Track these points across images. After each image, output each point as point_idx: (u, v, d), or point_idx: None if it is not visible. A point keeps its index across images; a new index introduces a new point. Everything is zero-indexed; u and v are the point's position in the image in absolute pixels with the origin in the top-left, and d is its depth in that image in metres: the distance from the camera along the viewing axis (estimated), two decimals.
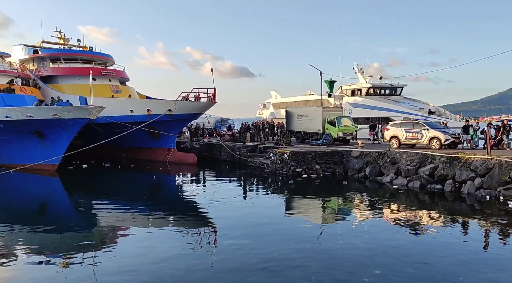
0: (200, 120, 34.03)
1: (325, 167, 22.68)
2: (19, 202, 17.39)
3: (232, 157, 28.55)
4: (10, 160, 25.31)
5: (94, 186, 21.84)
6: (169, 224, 13.31)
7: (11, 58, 34.35)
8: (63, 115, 23.78)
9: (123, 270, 9.15)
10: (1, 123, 24.26)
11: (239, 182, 22.33)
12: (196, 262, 9.69)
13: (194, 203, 17.55)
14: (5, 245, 11.15)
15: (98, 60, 36.02)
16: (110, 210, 15.75)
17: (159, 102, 30.01)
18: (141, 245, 11.01)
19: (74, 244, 11.29)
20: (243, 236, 11.70)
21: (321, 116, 28.09)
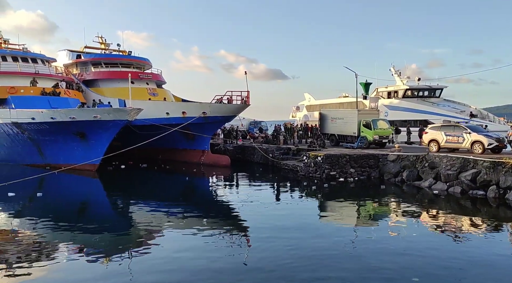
0: (233, 122, 34.29)
1: (360, 171, 22.22)
2: (62, 201, 18.18)
3: (265, 159, 28.57)
4: (54, 159, 26.56)
5: (132, 187, 22.49)
6: (203, 225, 13.46)
7: (56, 62, 36.17)
8: (104, 116, 24.68)
9: (159, 270, 9.34)
10: (47, 124, 25.50)
11: (272, 185, 22.29)
12: (230, 263, 9.74)
13: (228, 205, 17.68)
14: (49, 242, 11.67)
15: (136, 64, 37.17)
16: (146, 210, 16.15)
17: (194, 104, 30.52)
18: (175, 246, 11.21)
19: (112, 243, 11.66)
20: (276, 239, 11.64)
21: (356, 119, 27.56)
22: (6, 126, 27.15)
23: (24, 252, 10.58)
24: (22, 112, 26.18)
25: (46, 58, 34.05)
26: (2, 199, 16.54)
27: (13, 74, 30.48)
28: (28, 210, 16.16)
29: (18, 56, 32.12)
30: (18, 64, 31.27)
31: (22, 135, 27.04)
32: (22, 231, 12.76)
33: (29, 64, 31.80)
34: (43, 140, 26.79)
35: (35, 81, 30.26)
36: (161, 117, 28.72)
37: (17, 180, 16.12)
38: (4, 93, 28.81)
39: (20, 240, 11.76)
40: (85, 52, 38.33)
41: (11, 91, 28.80)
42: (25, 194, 17.84)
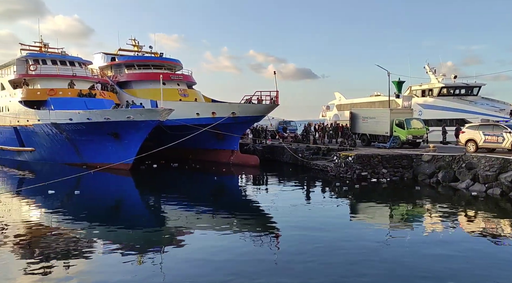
0: (262, 122, 34.31)
1: (393, 171, 21.69)
2: (98, 199, 18.80)
3: (294, 159, 28.41)
4: (90, 159, 27.50)
5: (163, 186, 22.95)
6: (232, 224, 13.54)
7: (92, 65, 37.43)
8: (136, 117, 25.31)
9: (188, 268, 9.47)
10: (83, 124, 26.44)
11: (302, 185, 22.13)
12: (259, 263, 9.74)
13: (257, 204, 17.70)
14: (85, 237, 12.08)
15: (167, 65, 37.89)
16: (177, 208, 16.43)
17: (223, 105, 30.77)
18: (205, 244, 11.32)
19: (144, 240, 11.94)
20: (306, 240, 11.54)
21: (388, 118, 26.93)
22: (46, 126, 28.35)
23: (62, 246, 11.01)
24: (60, 113, 27.26)
25: (82, 61, 35.32)
26: (43, 196, 17.28)
27: (52, 77, 31.80)
28: (66, 207, 16.81)
29: (57, 59, 33.48)
30: (57, 67, 32.59)
31: (61, 135, 28.14)
32: (61, 226, 13.27)
33: (67, 67, 33.09)
34: (80, 140, 27.76)
35: (72, 83, 31.44)
36: (192, 117, 29.13)
37: (56, 179, 16.84)
38: (44, 95, 30.11)
39: (59, 235, 12.24)
40: (119, 54, 39.46)
41: (50, 93, 30.04)
42: (64, 192, 18.56)
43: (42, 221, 14.15)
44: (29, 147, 31.29)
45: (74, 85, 31.38)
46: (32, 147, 31.03)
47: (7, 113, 32.04)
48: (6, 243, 11.18)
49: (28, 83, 31.82)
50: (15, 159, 32.87)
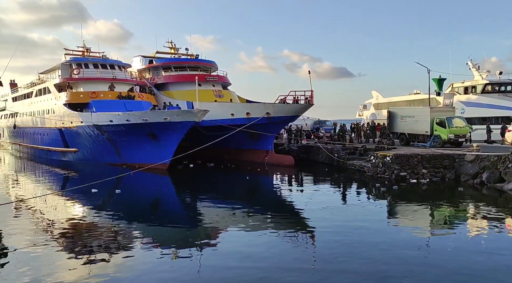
0: (297, 122, 34.10)
1: (433, 172, 20.90)
2: (138, 197, 19.39)
3: (330, 159, 28.02)
4: (130, 159, 28.38)
5: (199, 185, 23.33)
6: (267, 223, 13.54)
7: (131, 68, 38.67)
8: (173, 118, 25.87)
9: (224, 266, 9.55)
10: (123, 126, 27.35)
11: (338, 185, 21.79)
12: (295, 263, 9.68)
13: (292, 204, 17.61)
14: (126, 234, 12.50)
15: (203, 66, 38.49)
16: (213, 207, 16.66)
17: (257, 105, 30.85)
18: (240, 243, 11.39)
19: (181, 237, 12.18)
20: (342, 241, 11.34)
21: (428, 117, 26.01)
22: (88, 128, 29.56)
23: (103, 242, 11.44)
24: (101, 115, 28.32)
25: (122, 64, 36.56)
26: (87, 195, 18.04)
27: (94, 80, 33.12)
28: (108, 205, 17.47)
29: (98, 63, 34.85)
30: (98, 71, 33.92)
31: (102, 136, 29.24)
32: (103, 223, 13.80)
33: (107, 70, 34.35)
34: (120, 141, 28.72)
35: (112, 85, 32.59)
36: (226, 118, 29.42)
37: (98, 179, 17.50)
38: (86, 97, 31.42)
39: (101, 231, 12.73)
40: (156, 57, 40.52)
41: (92, 96, 31.30)
42: (105, 191, 19.26)
43: (86, 218, 14.76)
44: (72, 148, 32.73)
45: (114, 88, 32.49)
46: (76, 148, 32.44)
47: (53, 115, 33.68)
48: (52, 238, 11.75)
49: (72, 87, 33.29)
50: (60, 159, 34.49)
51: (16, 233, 12.21)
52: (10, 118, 46.95)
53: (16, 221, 14.02)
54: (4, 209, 15.06)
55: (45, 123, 35.19)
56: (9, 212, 15.04)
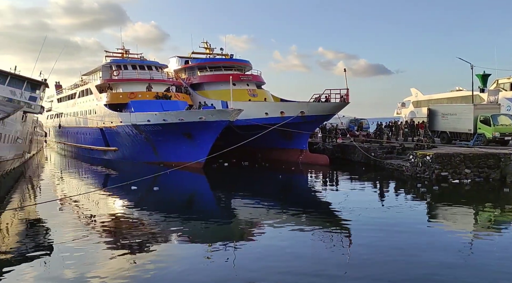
0: (332, 120, 33.61)
1: (477, 172, 19.94)
2: (174, 195, 19.80)
3: (366, 158, 27.41)
4: (166, 158, 29.04)
5: (234, 183, 23.52)
6: (302, 222, 13.43)
7: (168, 68, 39.58)
8: (208, 118, 26.21)
9: (258, 262, 9.56)
10: (160, 125, 28.03)
11: (374, 185, 21.27)
12: (330, 263, 9.54)
13: (327, 203, 17.37)
14: (163, 230, 12.79)
15: (237, 66, 38.73)
16: (247, 205, 16.73)
17: (292, 104, 30.67)
18: (275, 241, 11.36)
19: (216, 234, 12.31)
20: (379, 241, 11.05)
21: (471, 114, 24.89)
22: (127, 127, 30.52)
23: (142, 237, 11.77)
24: (139, 115, 29.15)
25: (159, 64, 37.48)
26: (127, 192, 18.64)
27: (133, 81, 34.17)
28: (146, 201, 17.96)
29: (137, 64, 35.92)
30: (137, 72, 34.95)
31: (140, 135, 30.09)
32: (142, 219, 14.20)
33: (145, 71, 35.33)
34: (157, 140, 29.45)
35: (150, 86, 33.46)
36: (260, 117, 29.45)
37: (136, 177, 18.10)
38: (125, 98, 32.45)
39: (140, 227, 13.10)
40: (192, 57, 41.21)
41: (131, 96, 32.29)
42: (144, 188, 19.81)
43: (125, 214, 15.25)
44: (113, 147, 33.91)
45: (152, 88, 33.36)
46: (116, 147, 33.58)
47: (95, 115, 35.05)
48: (94, 233, 12.22)
49: (112, 87, 34.50)
50: (101, 158, 35.85)
51: (61, 228, 12.80)
52: (56, 118, 49.34)
53: (61, 216, 14.70)
54: (51, 205, 15.85)
55: (87, 123, 36.68)
56: (55, 208, 15.80)
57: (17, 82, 24.43)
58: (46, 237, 11.99)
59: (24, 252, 10.53)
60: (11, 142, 21.97)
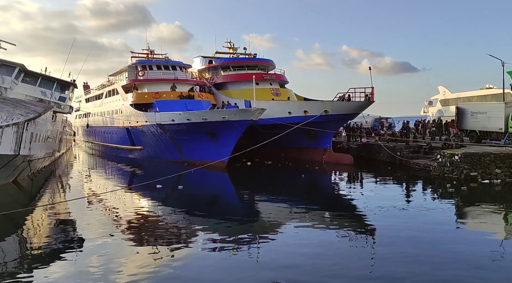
0: (357, 119, 33.17)
1: (508, 172, 19.26)
2: (198, 193, 19.98)
3: (392, 158, 26.89)
4: (190, 157, 29.38)
5: (257, 182, 23.56)
6: (325, 222, 13.31)
7: (192, 68, 40.02)
8: (231, 117, 26.34)
9: (282, 261, 9.52)
10: (184, 125, 28.37)
11: (400, 185, 20.86)
12: (355, 263, 9.41)
13: (351, 203, 17.15)
14: (187, 228, 12.95)
15: (261, 65, 38.74)
16: (270, 204, 16.73)
17: (315, 103, 30.42)
18: (299, 240, 11.30)
19: (239, 233, 12.32)
20: (405, 241, 10.82)
21: (503, 113, 24.06)
22: (152, 127, 31.05)
23: (167, 234, 11.97)
24: (164, 115, 29.59)
25: (183, 64, 37.94)
26: (152, 191, 18.97)
27: (157, 81, 34.73)
28: (171, 200, 18.22)
29: (161, 64, 36.48)
30: (161, 72, 35.50)
31: (165, 135, 30.54)
32: (166, 217, 14.43)
33: (169, 71, 35.84)
34: (181, 139, 29.82)
35: (174, 86, 33.91)
36: (284, 116, 29.36)
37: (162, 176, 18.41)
38: (150, 98, 33.01)
39: (165, 224, 13.31)
40: (215, 57, 41.52)
41: (155, 96, 32.82)
42: (169, 187, 20.10)
43: (151, 212, 15.53)
44: (138, 146, 34.58)
45: (176, 88, 33.79)
46: (141, 146, 34.22)
47: (121, 115, 35.83)
48: (121, 230, 12.49)
49: (138, 88, 35.16)
50: (127, 156, 36.62)
51: (89, 225, 13.14)
52: (84, 118, 50.75)
53: (89, 214, 15.09)
54: (79, 202, 16.33)
55: (114, 123, 37.53)
56: (83, 206, 16.24)
57: (47, 83, 25.25)
58: (75, 234, 12.35)
59: (55, 247, 10.88)
60: (42, 141, 22.72)
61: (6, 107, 18.52)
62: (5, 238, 12.06)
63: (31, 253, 10.71)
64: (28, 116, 18.47)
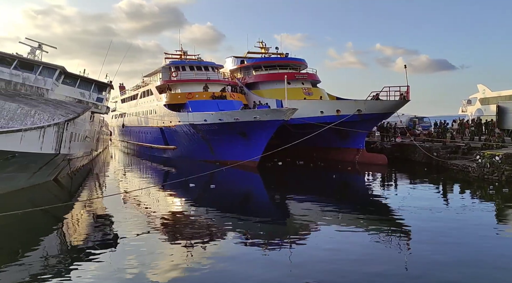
0: (391, 119, 32.35)
1: None
2: (230, 193, 20.16)
3: (428, 158, 26.04)
4: (222, 156, 29.64)
5: (288, 182, 23.45)
6: (358, 223, 13.06)
7: (224, 68, 40.40)
8: (262, 117, 26.36)
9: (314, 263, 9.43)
10: (216, 125, 28.68)
11: (437, 186, 20.15)
12: (388, 266, 9.18)
13: (385, 204, 16.75)
14: (219, 227, 13.07)
15: (292, 65, 38.56)
16: (302, 204, 16.59)
17: (348, 102, 29.95)
18: (331, 242, 11.15)
19: (271, 233, 12.33)
20: (442, 246, 10.45)
21: None
22: (185, 127, 31.59)
23: (199, 233, 12.12)
24: (197, 115, 30.02)
25: (215, 65, 38.36)
26: (185, 189, 19.32)
27: (190, 82, 35.29)
28: (204, 199, 18.44)
29: (194, 65, 37.05)
30: (194, 73, 36.05)
31: (197, 134, 31.00)
32: (199, 216, 14.60)
33: (202, 72, 36.34)
34: (213, 139, 30.15)
35: (206, 86, 34.35)
36: (316, 115, 29.08)
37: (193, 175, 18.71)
38: (183, 98, 33.60)
39: (197, 223, 13.49)
40: (247, 57, 41.71)
41: (188, 97, 33.36)
42: (201, 186, 20.38)
43: (184, 211, 15.80)
44: (171, 146, 35.28)
45: (208, 88, 34.21)
46: (174, 146, 34.89)
47: (155, 115, 36.68)
48: (154, 228, 12.79)
49: (171, 88, 35.87)
50: (161, 156, 37.44)
51: (124, 222, 13.53)
52: (119, 118, 52.35)
53: (124, 211, 15.52)
54: (115, 200, 16.87)
55: (148, 123, 38.48)
56: (119, 203, 16.76)
57: (86, 85, 26.21)
58: (111, 230, 12.76)
59: (92, 243, 11.27)
60: (81, 140, 23.62)
61: (48, 108, 19.39)
62: (47, 233, 12.68)
63: (70, 248, 11.17)
64: (68, 116, 19.25)
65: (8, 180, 16.61)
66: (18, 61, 23.04)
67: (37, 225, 13.42)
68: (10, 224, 12.80)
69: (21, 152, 15.12)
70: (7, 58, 22.85)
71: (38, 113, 17.48)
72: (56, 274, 8.88)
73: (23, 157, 15.61)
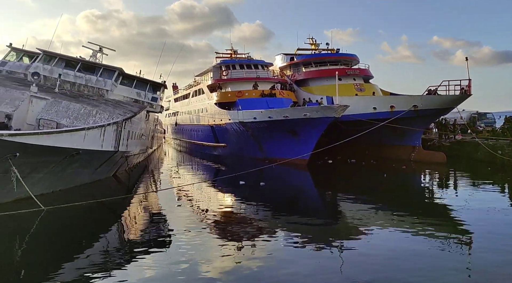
0: (450, 115, 30.60)
1: None
2: (279, 190, 20.06)
3: (492, 157, 24.29)
4: (271, 154, 29.67)
5: (339, 181, 22.96)
6: (414, 224, 12.42)
7: (273, 66, 40.42)
8: (312, 114, 26.00)
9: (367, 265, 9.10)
10: (266, 123, 28.74)
11: (502, 187, 18.74)
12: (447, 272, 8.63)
13: (444, 205, 15.83)
14: (268, 225, 13.03)
15: (343, 60, 37.72)
16: (353, 204, 16.14)
17: (403, 98, 28.74)
18: (384, 242, 10.75)
19: (322, 233, 12.12)
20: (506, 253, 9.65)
21: None
22: (235, 125, 32.01)
23: (249, 231, 12.16)
24: (246, 113, 30.28)
25: (264, 63, 38.48)
26: (235, 186, 19.55)
27: (240, 80, 35.69)
28: (254, 196, 18.46)
29: (244, 63, 37.42)
30: (244, 71, 36.41)
31: (247, 132, 31.27)
32: (249, 214, 14.68)
33: (251, 70, 36.61)
34: (263, 137, 30.26)
35: (256, 84, 34.57)
36: (368, 112, 28.20)
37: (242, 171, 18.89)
38: (233, 97, 34.07)
39: (247, 221, 13.56)
40: (297, 54, 41.41)
41: (238, 95, 33.78)
42: (251, 183, 20.50)
43: (234, 208, 15.98)
44: (222, 143, 35.93)
45: (258, 86, 34.42)
46: (224, 143, 35.50)
47: (206, 113, 37.54)
48: (206, 225, 12.99)
49: (222, 87, 36.50)
50: (212, 153, 38.27)
51: (178, 220, 13.90)
52: (173, 117, 54.22)
53: (177, 209, 15.96)
54: (169, 195, 17.45)
55: (200, 121, 39.47)
56: (172, 198, 17.31)
57: (141, 85, 27.35)
58: (164, 226, 13.16)
59: (148, 237, 11.72)
60: (137, 138, 24.70)
61: (108, 107, 20.47)
62: (108, 225, 13.40)
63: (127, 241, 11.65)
64: (126, 115, 20.19)
65: (73, 176, 17.75)
66: (82, 64, 24.61)
67: (99, 217, 14.29)
68: (75, 215, 13.78)
69: (84, 149, 16.08)
70: (72, 61, 24.55)
71: (99, 112, 18.53)
72: (117, 266, 9.30)
73: (86, 154, 16.59)
